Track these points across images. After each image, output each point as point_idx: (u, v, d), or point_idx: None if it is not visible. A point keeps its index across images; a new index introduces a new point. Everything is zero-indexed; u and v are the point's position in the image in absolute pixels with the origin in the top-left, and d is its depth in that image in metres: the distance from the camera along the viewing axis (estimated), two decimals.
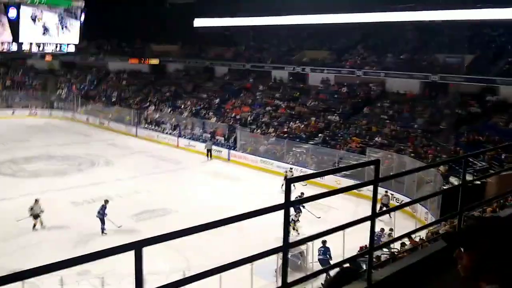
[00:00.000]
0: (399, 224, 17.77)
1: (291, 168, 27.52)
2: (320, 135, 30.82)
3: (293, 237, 15.98)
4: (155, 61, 50.00)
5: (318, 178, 25.84)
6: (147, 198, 22.97)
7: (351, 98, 34.35)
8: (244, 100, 39.81)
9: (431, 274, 3.93)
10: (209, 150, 32.45)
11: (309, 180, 24.70)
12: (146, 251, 2.35)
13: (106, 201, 19.30)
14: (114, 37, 51.04)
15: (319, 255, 15.06)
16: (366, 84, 35.07)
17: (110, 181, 25.60)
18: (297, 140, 31.13)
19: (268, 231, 18.09)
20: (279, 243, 2.83)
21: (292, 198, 2.72)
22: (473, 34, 32.05)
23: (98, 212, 18.85)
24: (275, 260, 12.44)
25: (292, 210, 20.17)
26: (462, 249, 1.69)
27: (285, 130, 32.59)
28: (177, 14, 46.47)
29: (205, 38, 49.01)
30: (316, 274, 4.03)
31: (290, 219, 21.53)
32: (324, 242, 15.09)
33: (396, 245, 14.20)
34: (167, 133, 37.83)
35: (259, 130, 33.60)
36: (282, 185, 26.34)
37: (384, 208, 18.71)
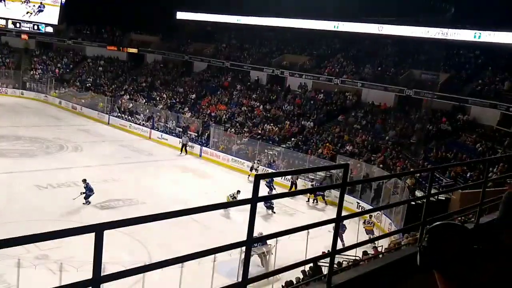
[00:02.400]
0: (363, 233, 18.02)
1: (258, 161, 27.75)
2: (293, 139, 30.98)
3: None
4: (133, 50, 49.42)
5: (287, 182, 25.95)
6: (115, 188, 22.71)
7: (326, 105, 34.63)
8: (221, 98, 39.70)
9: (393, 280, 3.98)
10: (184, 145, 32.25)
11: (278, 183, 24.92)
12: (110, 242, 2.31)
13: (84, 180, 20.10)
14: (94, 23, 50.24)
15: None
16: (343, 92, 35.41)
17: (78, 167, 25.17)
18: (270, 142, 31.18)
19: (239, 233, 18.17)
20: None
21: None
22: (450, 53, 32.74)
23: (90, 190, 19.92)
24: (238, 259, 12.43)
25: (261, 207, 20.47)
26: (439, 274, 1.64)
27: (259, 131, 32.63)
28: (160, 5, 46.03)
29: (186, 32, 48.72)
30: (276, 272, 4.05)
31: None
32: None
33: (359, 254, 14.37)
34: (140, 123, 37.41)
35: (233, 129, 33.54)
36: (249, 176, 26.58)
37: (371, 236, 18.89)
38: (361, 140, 28.84)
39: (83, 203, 19.91)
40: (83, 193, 19.99)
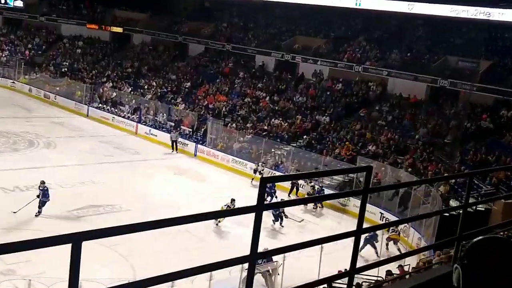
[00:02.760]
0: (388, 249, 18.01)
1: (263, 163, 27.78)
2: (305, 137, 30.98)
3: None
4: (118, 30, 49.48)
5: (287, 184, 25.99)
6: (94, 191, 22.78)
7: (345, 97, 34.61)
8: (220, 87, 39.75)
9: None
10: (174, 142, 32.33)
11: (278, 185, 24.88)
12: (88, 256, 2.31)
13: (42, 182, 19.53)
14: None
15: None
16: (365, 82, 35.39)
17: (50, 167, 25.25)
18: (278, 140, 31.18)
19: (236, 246, 18.21)
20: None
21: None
22: (493, 37, 32.63)
23: (45, 196, 19.25)
24: (238, 278, 12.46)
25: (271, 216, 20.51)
26: None
27: (265, 127, 32.66)
28: None
29: (180, 9, 48.78)
30: None
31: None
32: None
33: (381, 273, 14.37)
34: (124, 116, 37.52)
35: (234, 125, 33.58)
36: (253, 179, 26.61)
37: (397, 248, 18.91)
38: (386, 139, 28.82)
39: (36, 214, 19.20)
40: (38, 196, 19.21)
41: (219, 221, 19.97)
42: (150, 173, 27.01)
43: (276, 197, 23.39)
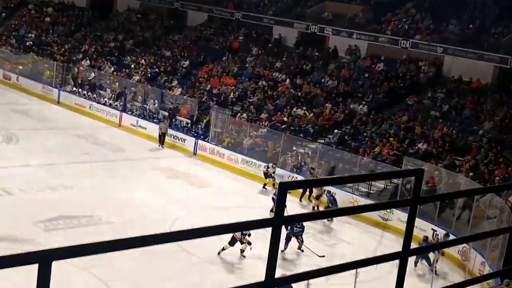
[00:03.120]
0: (443, 275, 17.95)
1: (274, 164, 27.82)
2: (336, 131, 30.91)
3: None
4: None
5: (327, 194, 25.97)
6: (67, 199, 22.85)
7: (389, 81, 34.46)
8: (227, 67, 39.77)
9: None
10: (163, 135, 32.47)
11: (312, 196, 24.86)
12: (57, 280, 2.32)
13: None
14: None
15: None
16: (414, 61, 35.19)
17: (11, 167, 25.40)
18: (301, 135, 31.14)
19: (246, 270, 18.23)
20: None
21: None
22: None
23: None
24: None
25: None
26: None
27: (284, 119, 32.63)
28: None
29: None
30: None
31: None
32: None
33: None
34: (105, 103, 37.69)
35: (245, 115, 33.59)
36: (265, 185, 26.75)
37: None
38: (441, 134, 28.67)
39: None
40: None
41: (223, 249, 19.19)
42: (137, 176, 27.08)
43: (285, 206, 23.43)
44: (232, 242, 19.01)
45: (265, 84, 36.72)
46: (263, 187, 27.41)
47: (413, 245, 3.60)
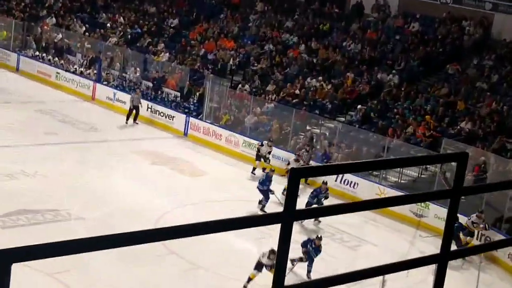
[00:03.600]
0: (488, 285, 18.00)
1: (270, 141, 28.25)
2: (359, 107, 30.89)
3: None
4: None
5: (350, 182, 26.05)
6: (29, 189, 22.87)
7: (425, 45, 34.37)
8: (226, 26, 39.69)
9: None
10: (135, 109, 32.82)
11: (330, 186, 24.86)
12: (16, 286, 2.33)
13: None
14: None
15: None
16: (457, 20, 35.07)
17: None
18: (317, 112, 31.14)
19: (242, 271, 18.25)
20: None
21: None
22: None
23: None
24: None
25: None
26: None
27: (296, 91, 32.59)
28: None
29: None
30: None
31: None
32: None
33: None
34: (75, 72, 37.69)
35: (247, 86, 33.57)
36: (254, 169, 27.16)
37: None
38: (489, 111, 28.63)
39: None
40: None
41: (249, 279, 18.25)
42: (114, 161, 27.14)
43: (272, 192, 23.53)
44: (259, 267, 17.50)
45: (272, 48, 36.66)
46: (252, 172, 27.62)
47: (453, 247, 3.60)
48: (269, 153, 27.73)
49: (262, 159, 27.69)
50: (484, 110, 28.82)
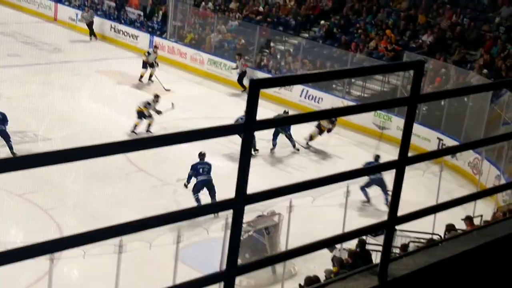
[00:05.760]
0: (449, 192, 18.35)
1: (156, 47, 29.45)
2: (322, 22, 30.72)
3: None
4: None
5: (314, 97, 26.19)
6: None
7: None
8: None
9: (500, 272, 4.11)
10: (89, 25, 32.77)
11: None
12: None
13: None
14: None
15: None
16: None
17: None
18: (280, 28, 31.00)
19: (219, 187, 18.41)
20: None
21: None
22: None
23: None
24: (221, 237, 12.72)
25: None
26: None
27: (260, 8, 32.29)
28: None
29: None
30: (287, 257, 4.19)
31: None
32: None
33: (438, 229, 14.70)
34: None
35: (210, 4, 33.17)
36: (141, 77, 28.22)
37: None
38: (450, 23, 28.60)
39: None
40: None
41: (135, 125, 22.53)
42: (79, 82, 26.98)
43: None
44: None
45: None
46: (139, 80, 28.33)
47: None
48: (155, 59, 28.77)
49: (148, 67, 28.52)
50: (445, 23, 28.82)
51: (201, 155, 17.99)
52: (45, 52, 30.41)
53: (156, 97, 22.95)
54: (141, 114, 22.56)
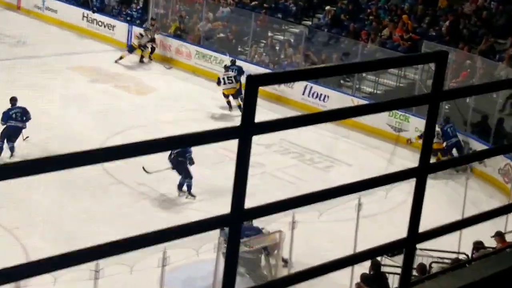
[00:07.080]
0: (476, 203, 18.35)
1: (147, 29, 30.59)
2: (328, 8, 30.73)
3: None
4: None
5: (319, 95, 26.19)
6: None
7: None
8: None
9: None
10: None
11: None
12: None
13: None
14: None
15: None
16: None
17: None
18: (279, 16, 31.03)
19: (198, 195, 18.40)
20: None
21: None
22: None
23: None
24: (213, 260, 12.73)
25: None
26: None
27: None
28: None
29: None
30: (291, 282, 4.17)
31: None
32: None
33: (463, 247, 14.72)
34: None
35: None
36: (120, 58, 29.47)
37: None
38: (475, 8, 28.59)
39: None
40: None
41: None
42: (48, 79, 26.97)
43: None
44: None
45: None
46: (118, 59, 29.82)
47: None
48: (149, 41, 30.47)
49: (141, 48, 30.06)
50: (469, 7, 28.81)
51: (13, 100, 20.36)
52: (7, 46, 30.38)
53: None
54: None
